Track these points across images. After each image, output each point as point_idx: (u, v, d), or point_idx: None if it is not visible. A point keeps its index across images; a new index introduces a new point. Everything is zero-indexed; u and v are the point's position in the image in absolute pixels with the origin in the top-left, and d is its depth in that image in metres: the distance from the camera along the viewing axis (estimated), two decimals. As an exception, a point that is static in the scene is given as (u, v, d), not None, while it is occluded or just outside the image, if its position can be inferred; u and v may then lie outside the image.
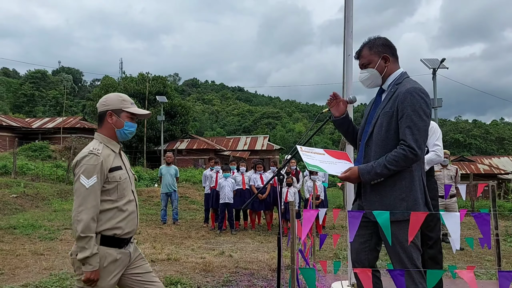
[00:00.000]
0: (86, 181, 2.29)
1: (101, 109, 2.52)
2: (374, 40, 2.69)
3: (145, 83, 35.76)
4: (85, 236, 2.24)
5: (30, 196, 12.68)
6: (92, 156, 2.34)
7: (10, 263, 5.83)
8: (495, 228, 4.54)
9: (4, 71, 77.91)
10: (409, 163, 2.45)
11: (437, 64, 17.82)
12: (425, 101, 2.45)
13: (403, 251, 2.46)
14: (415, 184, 2.49)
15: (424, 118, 2.43)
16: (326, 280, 4.68)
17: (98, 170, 2.33)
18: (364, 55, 2.68)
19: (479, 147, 66.23)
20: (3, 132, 31.46)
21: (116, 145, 2.53)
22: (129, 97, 2.59)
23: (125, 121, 2.50)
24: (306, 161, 2.63)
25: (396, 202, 2.48)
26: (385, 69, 2.64)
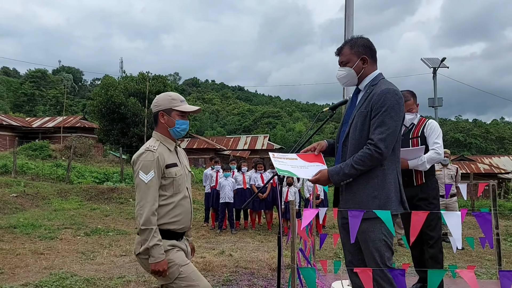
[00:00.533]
0: (145, 177, 2.42)
1: (154, 110, 2.68)
2: (356, 39, 2.73)
3: (145, 82, 35.69)
4: (146, 228, 2.37)
5: (30, 196, 12.68)
6: (148, 153, 2.47)
7: (10, 262, 5.83)
8: (496, 227, 4.53)
9: (5, 70, 77.93)
10: (375, 162, 2.47)
11: (438, 64, 17.80)
12: (398, 102, 2.48)
13: (375, 249, 2.49)
14: (387, 182, 2.51)
15: (394, 119, 2.46)
16: (326, 280, 4.68)
17: (155, 165, 2.45)
18: (344, 53, 2.72)
19: (480, 146, 66.21)
20: (3, 131, 31.45)
21: (171, 143, 2.64)
22: (179, 95, 2.68)
23: (176, 120, 2.59)
24: (277, 167, 2.66)
25: (368, 199, 2.50)
26: (362, 70, 2.68)
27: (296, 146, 2.97)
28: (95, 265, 5.76)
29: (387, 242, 2.48)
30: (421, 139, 3.97)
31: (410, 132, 4.06)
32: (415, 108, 4.03)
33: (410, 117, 3.99)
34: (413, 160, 3.79)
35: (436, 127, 3.99)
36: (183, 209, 2.58)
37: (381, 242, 2.47)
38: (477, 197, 14.97)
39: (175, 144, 2.67)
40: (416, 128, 4.05)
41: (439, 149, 3.87)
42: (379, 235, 2.47)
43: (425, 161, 3.78)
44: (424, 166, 3.81)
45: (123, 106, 32.16)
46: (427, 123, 4.03)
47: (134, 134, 32.64)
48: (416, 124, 4.07)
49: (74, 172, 17.53)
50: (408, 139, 4.01)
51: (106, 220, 10.33)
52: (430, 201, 3.85)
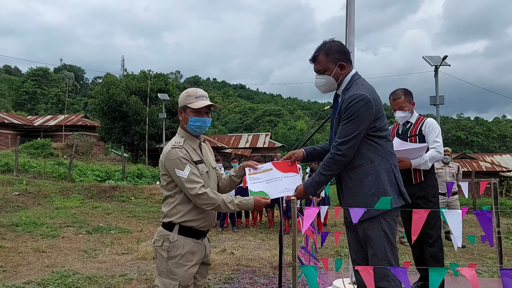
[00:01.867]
0: (182, 173, 2.42)
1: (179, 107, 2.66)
2: (330, 45, 2.70)
3: (146, 80, 35.72)
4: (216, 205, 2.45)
5: (32, 194, 12.71)
6: (176, 150, 2.47)
7: (12, 260, 5.85)
8: (497, 225, 4.53)
9: (6, 68, 78.06)
10: (340, 165, 2.54)
11: (439, 62, 17.73)
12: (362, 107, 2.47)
13: (377, 247, 2.51)
14: (381, 177, 2.52)
15: (357, 123, 2.48)
16: (328, 278, 4.68)
17: (186, 159, 2.45)
18: (321, 61, 2.69)
19: (481, 144, 66.10)
20: (5, 129, 31.50)
21: (194, 139, 2.63)
22: (197, 91, 2.64)
23: (189, 117, 2.57)
24: (250, 189, 2.72)
25: (367, 198, 2.52)
26: (340, 76, 2.68)
27: (298, 144, 2.98)
28: (97, 263, 5.78)
29: (388, 239, 2.50)
30: (419, 138, 3.95)
31: (408, 130, 4.04)
32: (408, 106, 3.97)
33: (402, 115, 3.97)
34: (416, 159, 3.78)
35: (435, 126, 3.97)
36: None
37: (382, 238, 2.49)
38: (478, 195, 14.95)
39: (199, 141, 2.66)
40: (414, 127, 4.03)
41: (439, 147, 3.86)
42: (379, 232, 2.49)
43: (427, 160, 3.77)
44: (427, 165, 3.80)
45: (124, 104, 32.19)
46: (426, 122, 4.00)
47: (136, 132, 32.68)
48: (414, 123, 4.05)
49: (76, 171, 17.57)
50: (406, 137, 4.00)
51: (107, 218, 10.35)
52: (429, 199, 3.84)
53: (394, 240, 2.54)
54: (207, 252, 2.66)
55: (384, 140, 2.59)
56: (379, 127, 2.56)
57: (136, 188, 15.14)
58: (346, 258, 5.83)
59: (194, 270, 2.53)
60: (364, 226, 2.50)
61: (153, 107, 33.32)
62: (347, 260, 4.99)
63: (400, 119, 4.02)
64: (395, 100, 4.01)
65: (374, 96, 2.54)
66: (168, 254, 2.48)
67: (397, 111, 4.01)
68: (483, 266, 5.96)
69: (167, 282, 2.48)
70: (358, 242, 2.69)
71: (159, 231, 2.53)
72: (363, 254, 2.69)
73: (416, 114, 4.11)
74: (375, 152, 2.55)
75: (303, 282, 4.57)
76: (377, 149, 2.55)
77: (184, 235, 2.48)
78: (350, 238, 2.78)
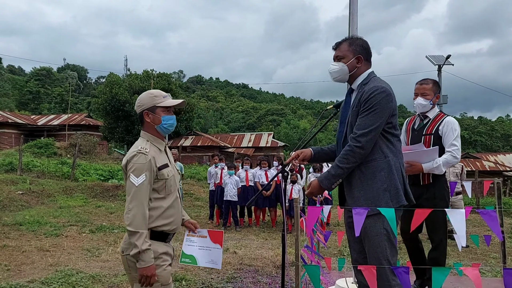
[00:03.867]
0: (136, 180, 2.36)
1: (138, 110, 2.59)
2: (356, 39, 2.79)
3: (149, 80, 35.77)
4: (135, 231, 2.30)
5: (36, 193, 12.75)
6: (140, 156, 2.41)
7: (16, 259, 5.88)
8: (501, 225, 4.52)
9: (10, 68, 78.28)
10: (358, 157, 2.51)
11: (443, 61, 17.71)
12: (384, 99, 2.50)
13: (377, 245, 2.49)
14: (394, 173, 2.53)
15: (379, 115, 2.49)
16: (331, 277, 4.68)
17: (147, 168, 2.38)
18: (342, 49, 2.75)
19: (485, 144, 65.87)
20: (9, 129, 31.61)
21: (161, 142, 2.59)
22: (161, 91, 2.62)
23: (162, 116, 2.54)
24: (184, 250, 2.76)
25: (379, 193, 2.50)
26: (355, 69, 2.70)
27: (301, 143, 2.98)
28: (100, 262, 5.80)
29: (388, 237, 2.48)
30: (435, 137, 3.65)
31: (425, 127, 3.73)
32: (432, 96, 3.69)
33: (423, 102, 3.68)
34: (428, 163, 3.53)
35: (454, 126, 3.63)
36: (175, 209, 2.55)
37: (382, 237, 2.47)
38: (482, 195, 14.91)
39: (165, 143, 2.63)
40: (431, 124, 3.71)
41: (456, 152, 3.58)
42: (380, 230, 2.47)
43: (441, 164, 3.52)
44: (440, 170, 3.55)
45: (127, 103, 32.23)
46: (445, 121, 3.67)
47: (139, 131, 32.61)
48: (432, 119, 3.73)
49: (79, 170, 17.60)
50: (421, 134, 3.71)
51: (111, 218, 10.37)
52: (436, 202, 3.58)
53: (395, 240, 2.52)
54: (173, 255, 2.65)
55: (396, 138, 2.61)
56: (394, 124, 2.58)
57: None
58: (349, 257, 5.82)
59: (171, 270, 2.53)
60: (366, 223, 2.47)
61: (156, 107, 33.34)
62: (350, 260, 4.99)
63: (419, 106, 3.69)
64: (422, 85, 3.72)
65: (393, 93, 2.57)
66: None
67: (419, 97, 3.70)
68: (486, 265, 5.94)
69: None
70: (359, 241, 2.67)
71: (126, 239, 2.43)
72: (365, 254, 2.66)
73: (436, 109, 3.81)
74: (388, 148, 2.56)
75: (306, 281, 4.57)
76: (390, 145, 2.57)
77: (155, 239, 2.44)
78: (351, 238, 2.76)
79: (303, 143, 3.02)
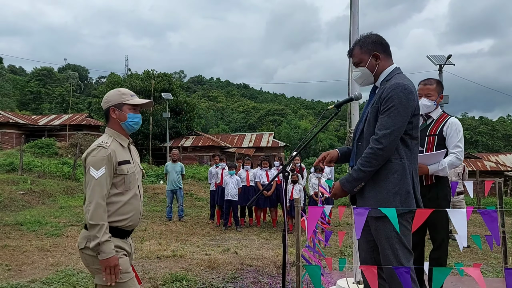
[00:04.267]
0: (95, 173, 2.37)
1: (104, 106, 2.60)
2: (365, 38, 2.70)
3: (150, 80, 35.81)
4: (96, 224, 2.32)
5: (37, 193, 12.76)
6: (100, 149, 2.43)
7: (17, 259, 5.88)
8: (502, 225, 4.51)
9: (11, 68, 78.33)
10: (381, 160, 2.43)
11: (444, 61, 17.70)
12: (405, 97, 2.42)
13: (389, 247, 2.44)
14: (407, 177, 2.46)
15: (402, 114, 2.41)
16: (332, 277, 4.68)
17: (106, 162, 2.40)
18: (355, 54, 2.70)
19: (486, 144, 65.82)
20: (10, 129, 31.64)
21: (124, 139, 2.60)
22: (129, 90, 2.65)
23: (128, 113, 2.56)
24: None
25: (389, 196, 2.45)
26: (376, 67, 2.64)
27: (302, 143, 2.97)
28: (101, 262, 5.79)
29: (400, 240, 2.42)
30: (439, 138, 3.63)
31: (428, 127, 3.70)
32: (436, 97, 3.67)
33: (427, 103, 3.64)
34: (433, 165, 3.51)
35: (458, 128, 3.62)
36: (133, 206, 2.54)
37: (393, 239, 2.42)
38: (483, 195, 14.89)
39: (129, 140, 2.64)
40: (435, 125, 3.69)
41: (460, 154, 3.56)
42: (391, 233, 2.41)
43: (446, 166, 3.50)
44: (445, 172, 3.55)
45: (128, 104, 32.24)
46: (449, 121, 3.64)
47: (140, 131, 32.70)
48: (435, 119, 3.71)
49: (80, 170, 17.61)
50: (424, 135, 3.65)
51: (112, 218, 10.37)
52: (438, 202, 3.58)
53: (409, 242, 2.47)
54: (131, 251, 2.65)
55: (415, 142, 2.54)
56: (415, 124, 2.51)
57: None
58: (350, 257, 5.82)
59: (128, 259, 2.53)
60: (377, 225, 2.45)
61: (157, 107, 33.39)
62: (351, 260, 4.98)
63: (424, 107, 3.61)
64: (426, 85, 3.68)
65: (415, 90, 2.51)
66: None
67: (423, 97, 3.66)
68: (487, 265, 5.94)
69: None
70: (368, 241, 2.64)
71: (83, 233, 2.44)
72: (373, 254, 2.64)
73: (439, 109, 3.79)
74: (405, 150, 2.48)
75: (307, 281, 4.57)
76: (407, 148, 2.50)
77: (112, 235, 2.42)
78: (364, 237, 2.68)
79: (304, 143, 3.01)
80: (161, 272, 5.17)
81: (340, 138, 62.36)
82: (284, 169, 2.76)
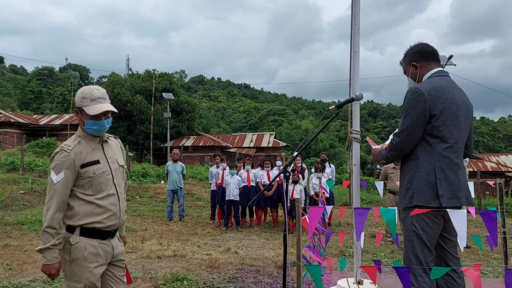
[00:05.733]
0: (55, 177, 2.34)
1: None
2: (409, 49, 2.95)
3: (151, 80, 35.84)
4: (46, 230, 2.32)
5: (38, 192, 12.77)
6: (62, 152, 2.38)
7: (18, 258, 5.89)
8: (503, 226, 4.51)
9: (12, 68, 78.46)
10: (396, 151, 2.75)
11: (445, 61, 17.66)
12: (414, 100, 2.62)
13: (407, 238, 2.66)
14: (418, 175, 2.62)
15: (411, 116, 2.62)
16: (332, 277, 4.68)
17: (67, 166, 2.35)
18: (402, 65, 3.01)
19: (487, 144, 65.74)
20: (11, 128, 31.68)
21: (93, 139, 2.51)
22: (93, 92, 2.48)
23: (86, 120, 2.45)
24: None
25: (404, 191, 2.71)
26: (417, 75, 2.86)
27: (302, 144, 2.98)
28: (102, 262, 5.80)
29: (418, 234, 2.57)
30: None
31: None
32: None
33: None
34: None
35: None
36: (107, 208, 2.46)
37: (412, 232, 2.60)
38: (484, 195, 14.89)
39: (99, 139, 2.53)
40: None
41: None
42: (410, 226, 2.61)
43: None
44: None
45: (129, 103, 32.30)
46: None
47: (141, 131, 32.78)
48: None
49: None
50: None
51: (112, 217, 10.38)
52: None
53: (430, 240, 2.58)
54: (116, 252, 2.58)
55: (437, 140, 2.63)
56: (435, 124, 2.61)
57: (140, 187, 15.18)
58: (350, 258, 5.82)
59: (100, 271, 2.48)
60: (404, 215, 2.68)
61: (158, 107, 33.42)
62: (352, 260, 4.98)
63: None
64: None
65: (432, 92, 2.61)
66: (70, 257, 2.42)
67: None
68: (488, 266, 5.93)
69: (71, 285, 2.45)
70: None
71: None
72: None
73: None
74: (424, 150, 2.65)
75: (308, 281, 4.57)
76: (427, 147, 2.65)
77: (87, 236, 2.40)
78: None
79: (305, 144, 3.01)
80: (162, 271, 5.18)
81: (341, 139, 62.33)
82: (285, 169, 2.77)
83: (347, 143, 4.07)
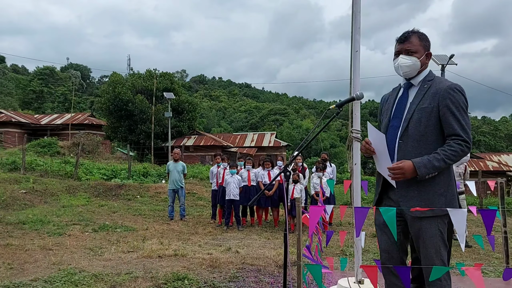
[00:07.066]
0: None
1: None
2: (422, 33, 2.71)
3: (152, 79, 35.84)
4: None
5: (39, 192, 12.79)
6: None
7: (20, 258, 5.90)
8: (504, 225, 4.51)
9: (13, 67, 78.46)
10: (462, 156, 2.51)
11: (446, 60, 17.66)
12: (465, 98, 2.54)
13: (432, 246, 2.50)
14: (452, 179, 2.56)
15: (467, 114, 2.53)
16: (333, 277, 4.68)
17: None
18: (413, 42, 2.66)
19: (488, 144, 65.62)
20: (13, 128, 31.75)
21: None
22: None
23: None
24: None
25: (435, 197, 2.51)
26: (424, 64, 2.68)
27: (303, 143, 2.97)
28: (103, 261, 5.81)
29: (443, 238, 2.51)
30: None
31: None
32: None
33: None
34: None
35: None
36: None
37: (437, 238, 2.49)
38: (485, 195, 14.87)
39: None
40: None
41: None
42: (436, 231, 2.49)
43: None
44: None
45: (130, 103, 32.30)
46: None
47: (142, 131, 32.77)
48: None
49: (82, 169, 17.66)
50: None
51: (113, 217, 10.40)
52: None
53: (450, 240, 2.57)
54: None
55: None
56: None
57: (141, 187, 15.20)
58: (351, 257, 5.82)
59: None
60: (421, 224, 2.50)
61: (159, 106, 33.41)
62: (352, 260, 4.98)
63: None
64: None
65: None
66: None
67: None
68: (489, 266, 5.93)
69: None
70: (392, 243, 2.68)
71: None
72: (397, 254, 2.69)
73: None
74: None
75: (308, 281, 4.57)
76: None
77: None
78: (383, 239, 2.74)
79: (306, 143, 3.01)
80: (162, 271, 5.18)
81: (342, 138, 62.29)
82: (286, 169, 2.77)
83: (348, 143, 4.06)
